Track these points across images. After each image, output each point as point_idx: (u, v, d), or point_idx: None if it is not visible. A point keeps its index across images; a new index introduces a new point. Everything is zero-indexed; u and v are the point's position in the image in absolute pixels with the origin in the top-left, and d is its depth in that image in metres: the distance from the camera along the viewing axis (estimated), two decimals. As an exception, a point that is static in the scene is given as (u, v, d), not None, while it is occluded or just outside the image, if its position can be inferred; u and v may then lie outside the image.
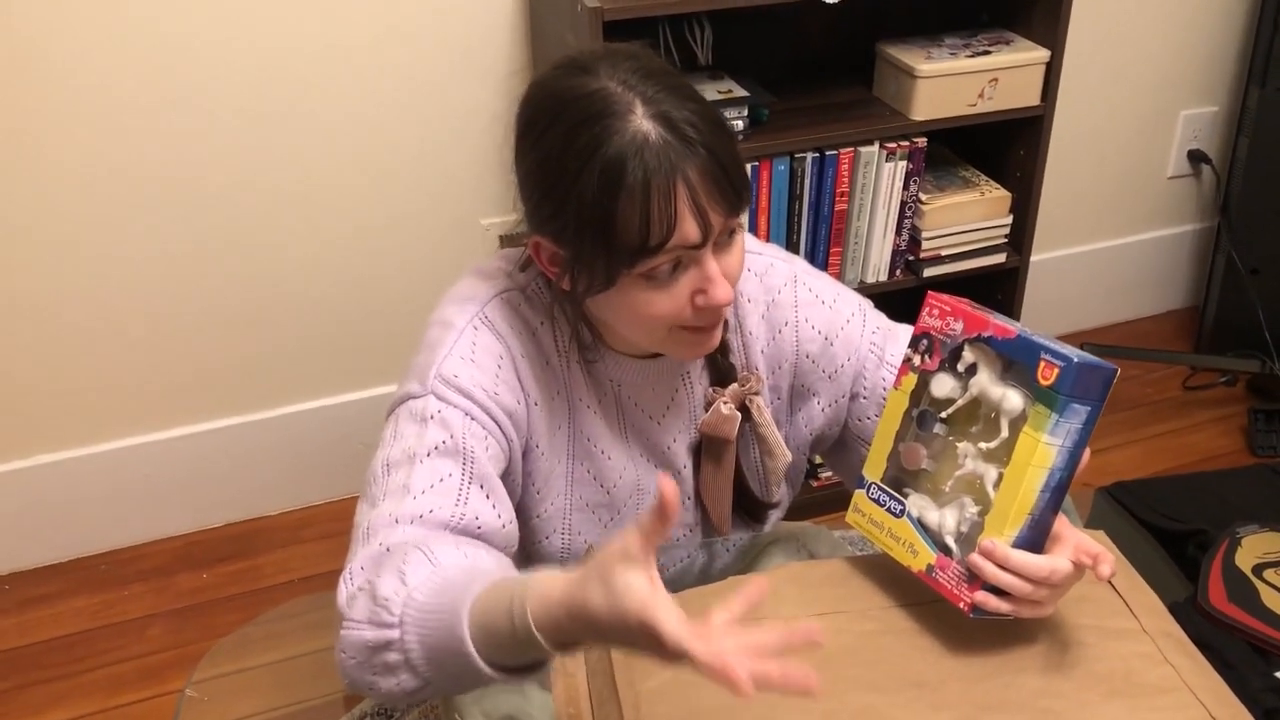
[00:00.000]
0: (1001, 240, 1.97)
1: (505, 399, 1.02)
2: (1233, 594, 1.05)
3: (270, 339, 1.99)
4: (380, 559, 0.92)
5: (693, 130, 0.92)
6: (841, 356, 1.15)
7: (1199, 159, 2.48)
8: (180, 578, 1.98)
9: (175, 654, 1.84)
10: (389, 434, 1.01)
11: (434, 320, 1.06)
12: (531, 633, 0.78)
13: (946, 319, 0.98)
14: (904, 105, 1.84)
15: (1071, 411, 0.90)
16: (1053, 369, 0.90)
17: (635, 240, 0.92)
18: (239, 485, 2.07)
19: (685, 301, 0.97)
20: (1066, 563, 0.92)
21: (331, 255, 1.95)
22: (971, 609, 0.94)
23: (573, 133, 0.93)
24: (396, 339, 2.06)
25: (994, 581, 0.92)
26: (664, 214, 0.91)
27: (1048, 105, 1.87)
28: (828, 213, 1.84)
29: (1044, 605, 0.94)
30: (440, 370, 1.00)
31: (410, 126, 1.89)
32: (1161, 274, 2.62)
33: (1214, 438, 2.25)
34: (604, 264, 0.94)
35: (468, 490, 0.98)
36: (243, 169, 1.84)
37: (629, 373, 1.09)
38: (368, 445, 2.06)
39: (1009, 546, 0.92)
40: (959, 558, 0.95)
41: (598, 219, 0.92)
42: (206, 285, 1.91)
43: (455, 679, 0.87)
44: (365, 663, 0.88)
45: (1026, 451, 0.91)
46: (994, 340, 0.94)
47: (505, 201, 1.99)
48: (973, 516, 0.95)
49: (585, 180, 0.92)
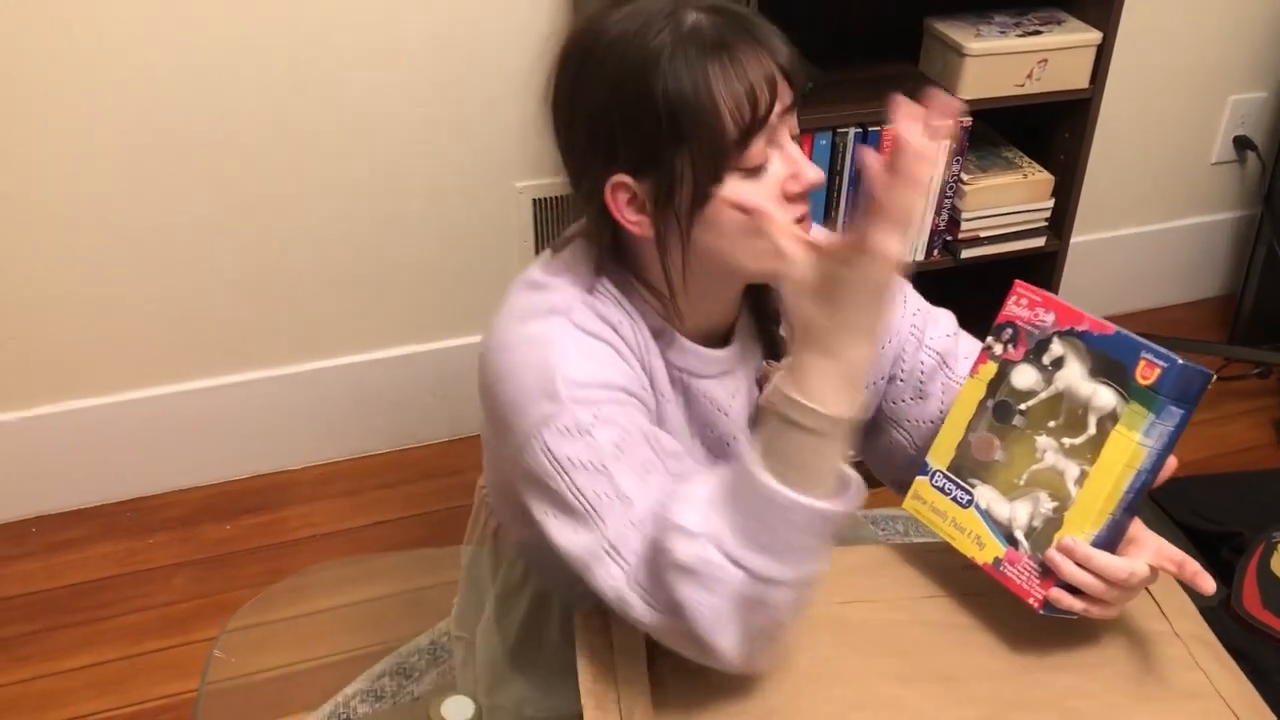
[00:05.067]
0: (1042, 224, 1.94)
1: (631, 385, 0.98)
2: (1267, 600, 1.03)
3: (301, 295, 1.99)
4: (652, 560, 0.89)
5: (746, 10, 0.92)
6: (882, 338, 1.13)
7: (1245, 145, 2.43)
8: (204, 528, 1.99)
9: (198, 604, 1.85)
10: (550, 465, 0.92)
11: (515, 342, 0.97)
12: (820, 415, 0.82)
13: (1036, 309, 0.97)
14: (950, 83, 1.81)
15: (1168, 414, 0.89)
16: (1154, 369, 0.88)
17: (742, 117, 0.89)
18: (264, 439, 2.08)
19: (778, 192, 0.94)
20: (1145, 566, 0.92)
21: (362, 215, 1.95)
22: (1043, 605, 0.93)
23: (633, 46, 0.90)
24: (425, 299, 2.05)
25: (1072, 580, 0.92)
26: (764, 74, 0.89)
27: (1096, 88, 1.84)
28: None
29: (1114, 607, 0.94)
30: (565, 377, 0.93)
31: (444, 90, 1.88)
32: (1199, 261, 2.59)
33: (1245, 430, 2.23)
34: (709, 163, 0.91)
35: (670, 464, 0.94)
36: (275, 129, 1.83)
37: (701, 363, 1.06)
38: (394, 403, 2.08)
39: (1089, 546, 0.91)
40: (1029, 553, 0.94)
41: (692, 114, 0.89)
42: (237, 241, 1.91)
43: (806, 549, 0.85)
44: (737, 619, 0.85)
45: (1118, 450, 0.90)
46: (1089, 335, 0.93)
47: (539, 165, 1.98)
48: (1048, 512, 0.94)
49: (664, 81, 0.88)
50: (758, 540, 0.84)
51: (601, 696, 0.94)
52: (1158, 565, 0.93)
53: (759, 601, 0.86)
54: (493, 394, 0.98)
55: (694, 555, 0.85)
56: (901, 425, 1.16)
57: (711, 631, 0.86)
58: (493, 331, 1.00)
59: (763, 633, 0.88)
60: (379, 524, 2.02)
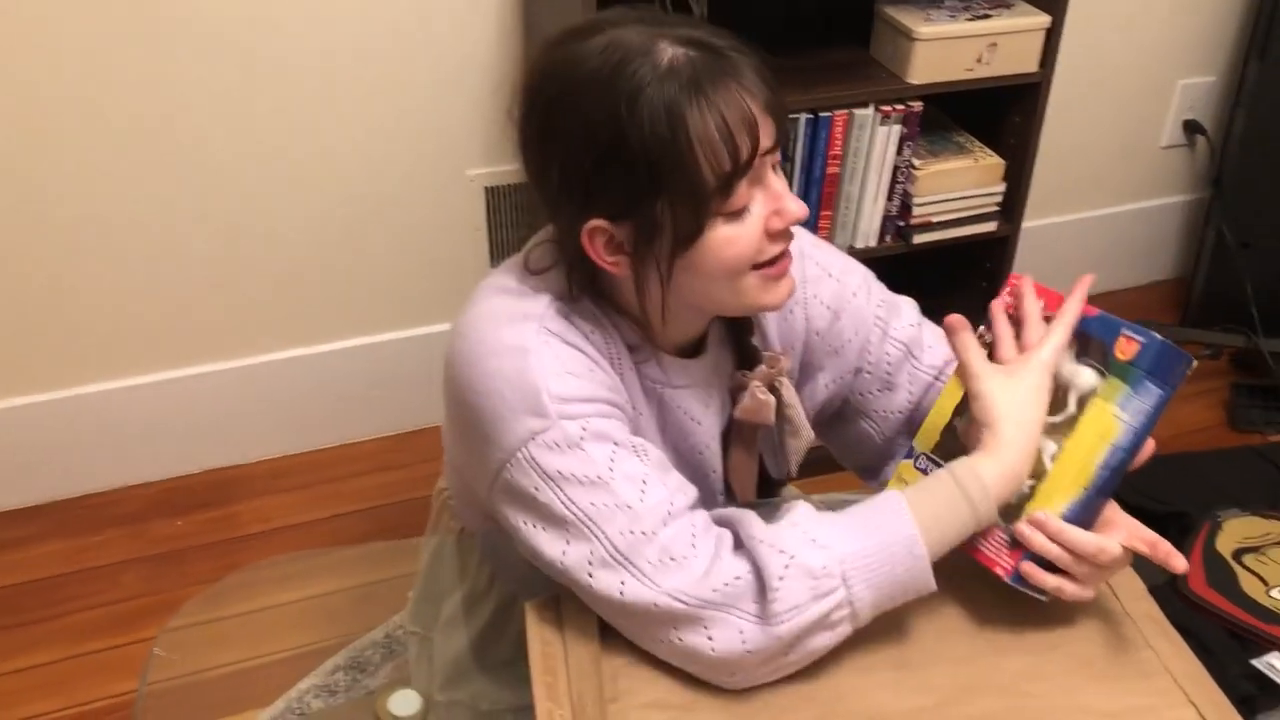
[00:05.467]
0: (994, 208, 1.95)
1: (612, 396, 0.97)
2: (1212, 579, 1.04)
3: (251, 287, 1.96)
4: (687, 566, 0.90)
5: (722, 41, 0.89)
6: (849, 331, 1.12)
7: (1194, 129, 2.46)
8: (155, 524, 1.96)
9: (148, 601, 1.82)
10: (539, 479, 0.92)
11: (489, 351, 0.94)
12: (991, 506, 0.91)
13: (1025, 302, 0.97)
14: (901, 68, 1.81)
15: (1145, 389, 0.89)
16: (1133, 344, 0.90)
17: (721, 165, 0.87)
18: (215, 433, 2.05)
19: (761, 232, 0.93)
20: (1117, 545, 0.92)
21: (313, 205, 1.92)
22: (1011, 575, 0.94)
23: (606, 88, 0.86)
24: (377, 291, 2.03)
25: (1041, 552, 0.92)
26: (743, 120, 0.87)
27: (1046, 72, 1.84)
28: (819, 175, 1.81)
29: (1086, 586, 0.94)
30: (551, 393, 0.91)
31: (395, 78, 1.85)
32: (1151, 245, 2.61)
33: (1196, 411, 2.26)
34: (690, 211, 0.89)
35: (662, 476, 0.94)
36: (223, 118, 1.80)
37: (675, 375, 1.05)
38: (346, 396, 2.06)
39: (1060, 520, 0.92)
40: (1001, 526, 0.95)
41: (671, 163, 0.86)
42: (184, 232, 1.87)
43: (889, 599, 0.91)
44: (803, 639, 0.89)
45: (1094, 421, 0.91)
46: None
47: (492, 152, 1.96)
48: (1023, 488, 0.94)
49: (640, 129, 0.85)
50: (875, 579, 0.89)
51: (553, 686, 0.93)
52: (1130, 545, 0.93)
53: (829, 629, 0.89)
54: (466, 404, 0.96)
55: (820, 562, 0.88)
56: (869, 416, 1.16)
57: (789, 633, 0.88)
58: (462, 336, 0.97)
59: (789, 665, 0.91)
60: (332, 518, 2.00)
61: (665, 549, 0.90)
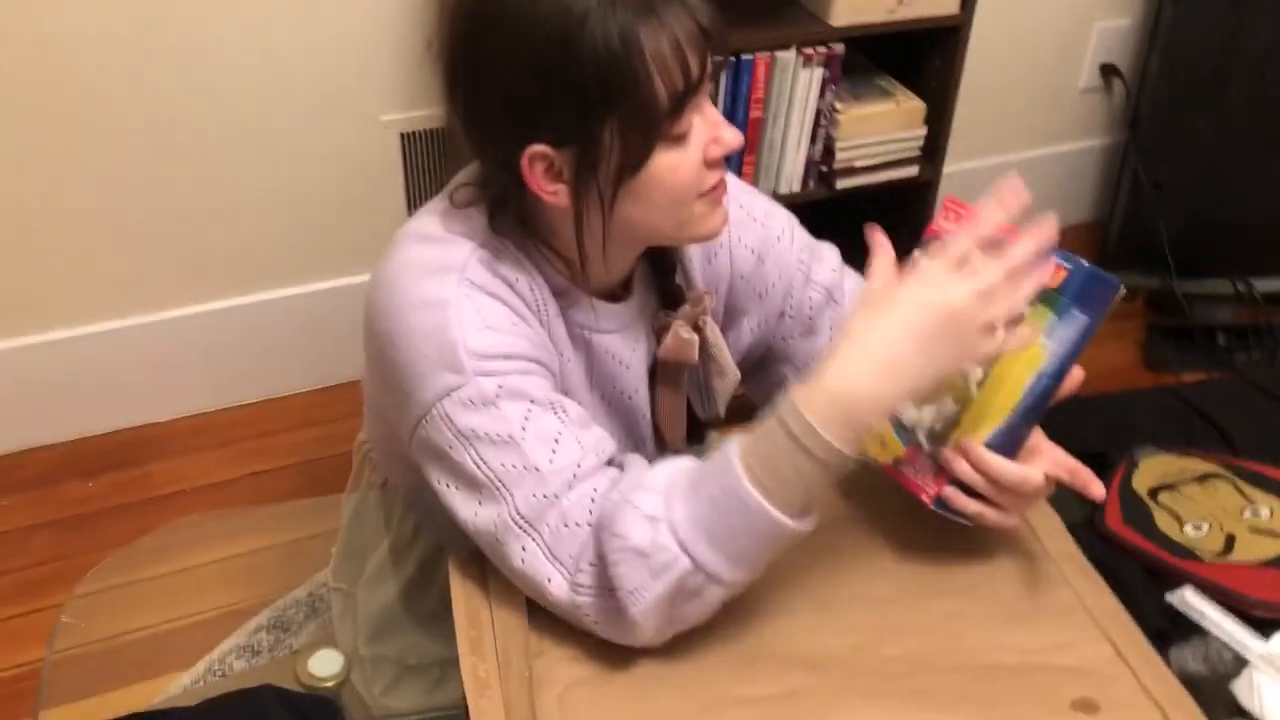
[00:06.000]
0: (916, 152, 1.95)
1: (536, 351, 0.95)
2: (1128, 516, 1.06)
3: (161, 240, 1.89)
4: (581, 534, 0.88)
5: None
6: (772, 275, 1.12)
7: (1111, 72, 2.48)
8: (65, 487, 1.91)
9: (59, 566, 1.77)
10: (453, 437, 0.90)
11: (409, 303, 0.92)
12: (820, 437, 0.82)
13: (962, 223, 0.96)
14: (822, 10, 1.79)
15: (1071, 317, 0.89)
16: (1062, 271, 0.89)
17: (674, 83, 0.86)
18: (127, 391, 1.99)
19: (700, 159, 0.92)
20: (1039, 474, 0.92)
21: (224, 155, 1.86)
22: (934, 500, 0.94)
23: (553, 7, 0.84)
24: (293, 240, 1.98)
25: (964, 480, 0.92)
26: (692, 39, 0.86)
27: (966, 15, 1.84)
28: (742, 120, 1.79)
29: (1009, 515, 0.94)
30: (469, 348, 0.90)
31: (302, 20, 1.79)
32: (1070, 188, 2.65)
33: (1113, 353, 2.30)
34: (641, 132, 0.87)
35: (579, 433, 0.92)
36: (124, 68, 1.73)
37: (602, 319, 1.03)
38: (265, 350, 2.01)
39: (983, 447, 0.92)
40: (927, 452, 0.95)
41: (624, 81, 0.85)
42: (87, 184, 1.80)
43: (754, 557, 0.86)
44: (668, 613, 0.86)
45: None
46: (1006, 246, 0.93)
47: (405, 97, 1.91)
48: (950, 414, 0.94)
49: (593, 47, 0.83)
50: (715, 537, 0.85)
51: (477, 642, 0.92)
52: (1052, 473, 0.94)
53: (695, 594, 0.86)
54: (386, 357, 0.94)
55: (649, 539, 0.85)
56: (792, 361, 1.16)
57: (641, 615, 0.86)
58: (382, 287, 0.94)
59: (684, 621, 0.89)
60: (253, 475, 1.96)
61: (564, 514, 0.89)
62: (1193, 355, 2.26)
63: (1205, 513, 1.09)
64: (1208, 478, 1.14)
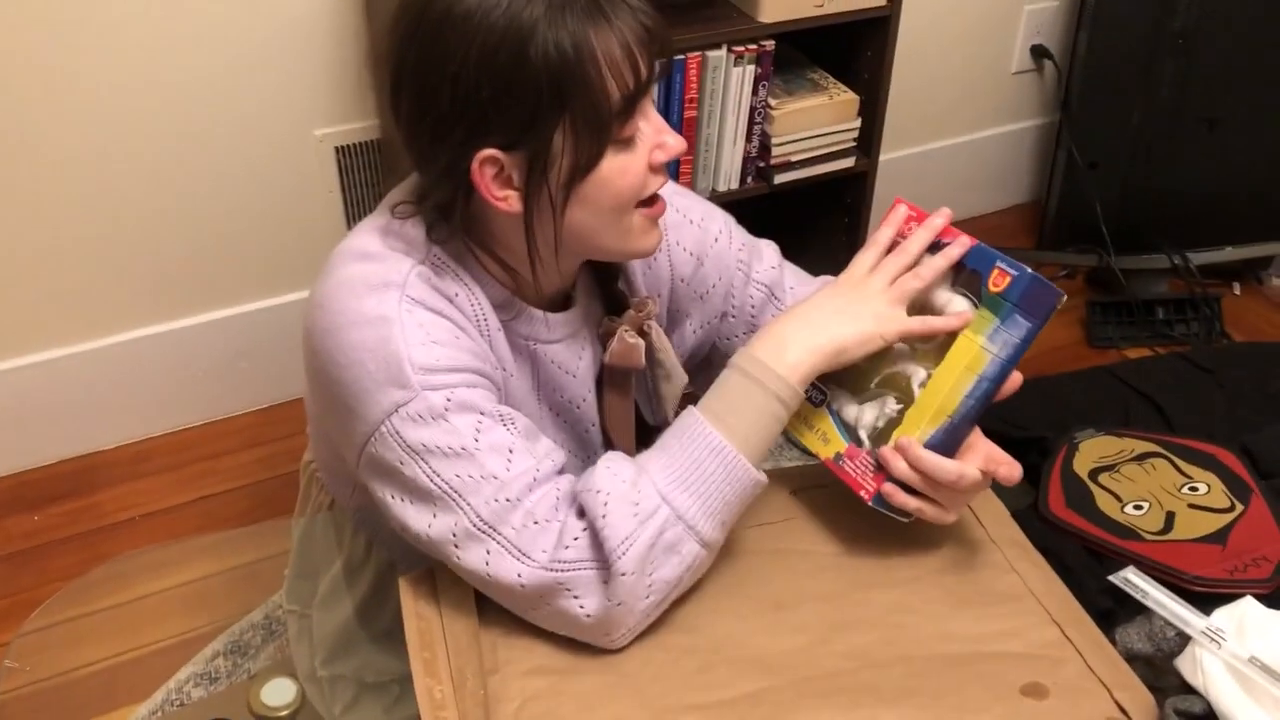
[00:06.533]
0: (851, 144, 1.96)
1: (480, 364, 0.95)
2: (1070, 499, 1.08)
3: (95, 266, 1.86)
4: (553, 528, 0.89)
5: None
6: (713, 276, 1.13)
7: (1041, 54, 2.51)
8: (8, 521, 1.87)
9: (5, 603, 1.73)
10: (403, 452, 0.90)
11: (349, 322, 0.92)
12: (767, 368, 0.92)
13: (910, 223, 0.98)
14: (751, 7, 1.79)
15: (1014, 322, 0.91)
16: (1005, 276, 0.91)
17: (625, 83, 0.87)
18: (70, 420, 1.96)
19: (645, 166, 0.93)
20: (975, 471, 0.94)
21: (155, 176, 1.83)
22: (874, 497, 0.95)
23: (503, 9, 0.85)
24: (229, 261, 1.95)
25: (901, 477, 0.94)
26: (640, 42, 0.88)
27: (894, 5, 1.85)
28: (677, 120, 1.79)
29: (947, 511, 0.96)
30: (414, 363, 0.90)
31: (231, 36, 1.77)
32: (1006, 169, 2.67)
33: (1054, 330, 2.33)
34: (591, 134, 0.88)
35: (529, 445, 0.92)
36: (48, 89, 1.69)
37: (545, 329, 1.04)
38: (207, 371, 1.98)
39: (922, 446, 0.93)
40: (869, 450, 0.96)
41: (574, 84, 0.86)
42: (13, 210, 1.77)
43: (724, 505, 0.92)
44: (647, 573, 0.89)
45: (961, 353, 0.93)
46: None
47: (339, 110, 1.89)
48: (892, 413, 0.96)
49: (545, 50, 0.84)
50: (691, 484, 0.90)
51: (431, 662, 0.92)
52: (987, 469, 0.95)
53: (673, 548, 0.89)
54: (328, 376, 0.93)
55: (632, 484, 0.89)
56: None
57: (629, 570, 0.88)
58: (322, 306, 0.94)
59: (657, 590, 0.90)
60: (203, 499, 1.93)
61: (530, 513, 0.90)
62: (1133, 330, 2.29)
63: (1145, 492, 1.11)
64: (1146, 456, 1.16)
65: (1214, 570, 1.02)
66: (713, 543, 0.92)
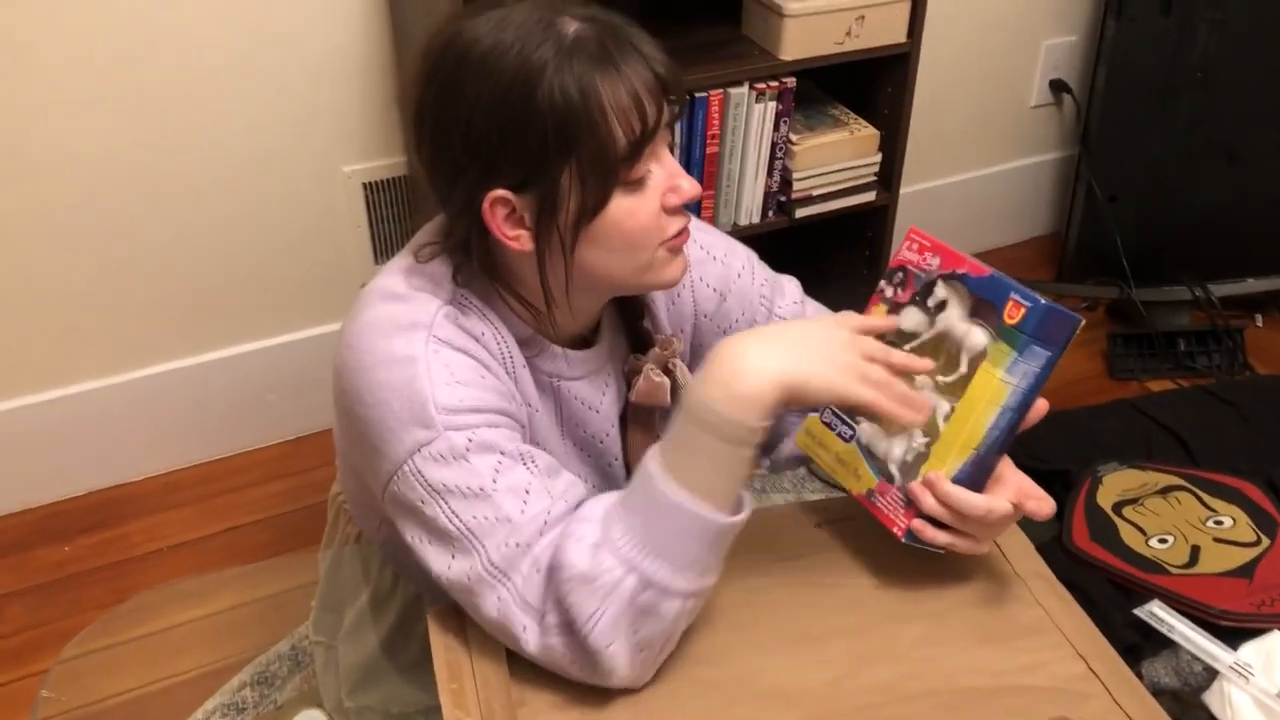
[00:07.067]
0: (871, 178, 1.98)
1: (505, 403, 0.96)
2: (1095, 533, 1.08)
3: (126, 300, 1.89)
4: (546, 579, 0.89)
5: (620, 19, 0.91)
6: (735, 311, 1.14)
7: (1060, 88, 2.52)
8: (39, 552, 1.89)
9: (36, 634, 1.76)
10: (425, 492, 0.91)
11: (377, 361, 0.93)
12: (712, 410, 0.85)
13: (925, 254, 0.99)
14: (772, 45, 1.82)
15: (1032, 353, 0.91)
16: (1020, 308, 0.91)
17: (632, 129, 0.89)
18: (99, 452, 1.98)
19: (658, 207, 0.94)
20: (1005, 504, 0.94)
21: (188, 211, 1.86)
22: (905, 534, 0.96)
23: (513, 56, 0.87)
24: (258, 295, 1.98)
25: (931, 513, 0.94)
26: (649, 89, 0.89)
27: (914, 41, 1.87)
28: (699, 156, 1.82)
29: (979, 543, 0.96)
30: (438, 404, 0.91)
31: (262, 77, 1.80)
32: (1025, 202, 2.68)
33: (1075, 362, 2.33)
34: (597, 178, 0.89)
35: (548, 482, 0.93)
36: (86, 128, 1.73)
37: (569, 366, 1.05)
38: (235, 404, 2.00)
39: (950, 481, 0.93)
40: (899, 485, 0.97)
41: (580, 128, 0.87)
42: (50, 245, 1.80)
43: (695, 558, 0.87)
44: (629, 630, 0.86)
45: (982, 386, 0.93)
46: (967, 278, 0.95)
47: (368, 147, 1.92)
48: (919, 447, 0.96)
49: (551, 94, 0.86)
50: (653, 546, 0.86)
51: (460, 694, 0.92)
52: (1018, 502, 0.95)
53: (650, 611, 0.87)
54: (355, 415, 0.94)
55: (590, 562, 0.86)
56: None
57: (603, 643, 0.86)
58: (350, 346, 0.96)
59: (651, 645, 0.89)
60: (229, 530, 1.95)
61: (536, 560, 0.90)
62: (1155, 362, 2.29)
63: (1169, 525, 1.11)
64: (1170, 490, 1.16)
65: (1241, 604, 1.02)
66: (697, 590, 0.89)
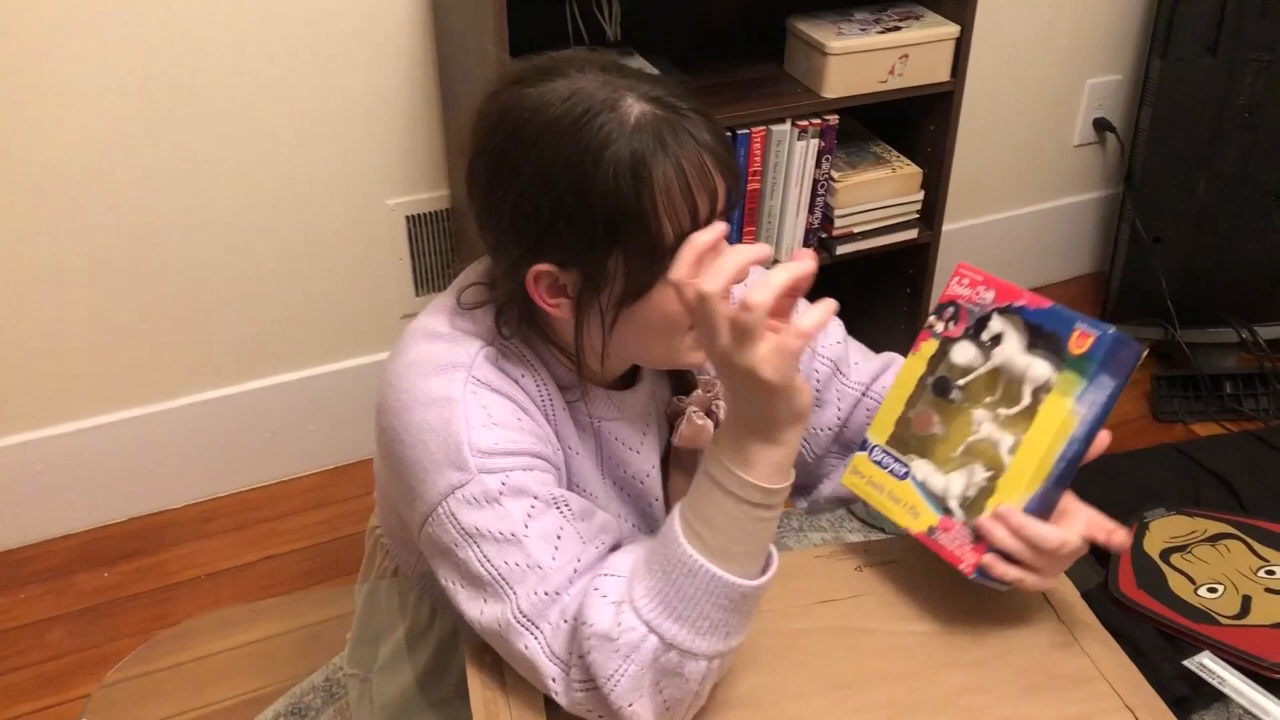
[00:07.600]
0: (913, 216, 1.98)
1: (540, 446, 0.96)
2: (1142, 581, 1.06)
3: (168, 329, 1.91)
4: (571, 632, 0.88)
5: (683, 102, 0.89)
6: None
7: (1104, 127, 2.51)
8: (80, 577, 1.91)
9: (77, 658, 1.77)
10: (458, 535, 0.91)
11: (416, 400, 0.94)
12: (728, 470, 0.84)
13: (977, 288, 0.99)
14: (815, 82, 1.82)
15: (1099, 383, 0.90)
16: (1087, 338, 0.90)
17: (681, 223, 0.87)
18: (140, 479, 2.00)
19: None
20: (1077, 537, 0.93)
21: (233, 242, 1.88)
22: (975, 569, 0.94)
23: (569, 138, 0.85)
24: (301, 325, 2.00)
25: (1003, 546, 0.92)
26: (704, 180, 0.87)
27: (957, 81, 1.87)
28: (740, 192, 1.82)
29: (1047, 577, 0.94)
30: (474, 446, 0.90)
31: (308, 111, 1.83)
32: (1068, 241, 2.66)
33: (1120, 404, 2.26)
34: (644, 266, 0.88)
35: (580, 527, 0.92)
36: (135, 160, 1.76)
37: (610, 408, 1.04)
38: (275, 433, 2.02)
39: (1022, 513, 0.92)
40: (962, 520, 0.95)
41: (632, 218, 0.86)
42: (95, 274, 1.83)
43: (717, 622, 0.85)
44: (652, 689, 0.85)
45: (1051, 417, 0.92)
46: (1026, 310, 0.95)
47: (411, 180, 1.94)
48: (982, 481, 0.95)
49: (605, 183, 0.85)
50: (674, 609, 0.85)
51: (496, 732, 0.92)
52: (1089, 535, 0.94)
53: (674, 672, 0.86)
54: (394, 454, 0.95)
55: (612, 622, 0.85)
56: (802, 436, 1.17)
57: (626, 701, 0.85)
58: (391, 385, 0.96)
59: (679, 703, 0.88)
60: (267, 559, 1.96)
61: (564, 610, 0.89)
62: (1200, 405, 2.26)
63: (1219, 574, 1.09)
64: (1220, 538, 1.14)
65: (1292, 657, 1.00)
66: (722, 651, 0.87)
